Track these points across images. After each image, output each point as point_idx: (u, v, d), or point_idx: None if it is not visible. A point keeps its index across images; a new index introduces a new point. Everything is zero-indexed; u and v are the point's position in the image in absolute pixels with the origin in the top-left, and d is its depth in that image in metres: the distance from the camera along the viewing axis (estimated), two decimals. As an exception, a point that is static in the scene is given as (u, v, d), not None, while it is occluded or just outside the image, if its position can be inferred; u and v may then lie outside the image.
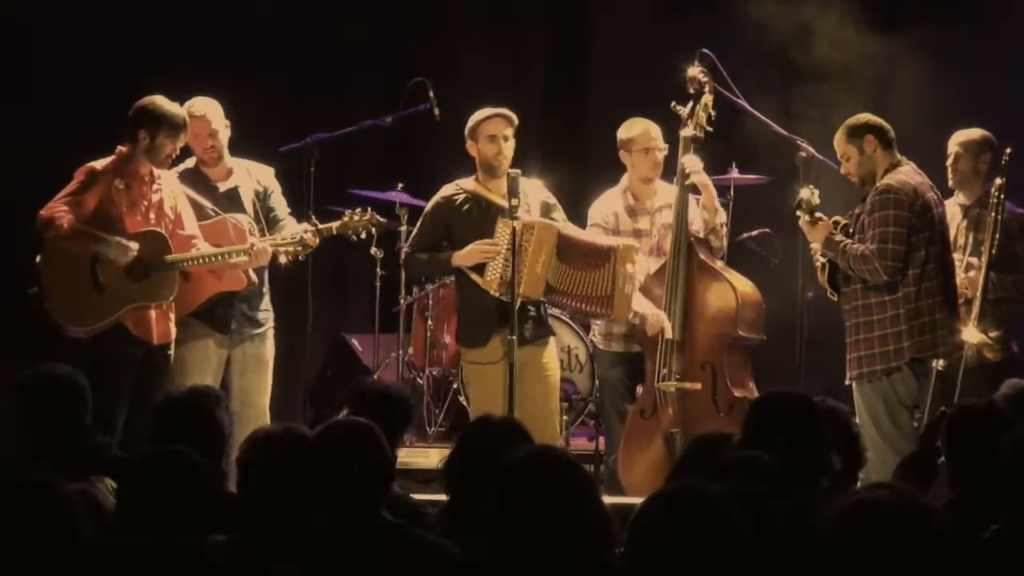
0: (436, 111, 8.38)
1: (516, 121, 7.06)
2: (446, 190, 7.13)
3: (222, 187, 7.25)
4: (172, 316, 7.05)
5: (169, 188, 7.06)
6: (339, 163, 7.94)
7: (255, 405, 7.23)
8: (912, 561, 3.06)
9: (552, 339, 7.22)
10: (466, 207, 7.05)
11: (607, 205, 7.48)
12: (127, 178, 6.96)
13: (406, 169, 9.27)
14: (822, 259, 6.88)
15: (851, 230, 6.81)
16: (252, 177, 7.30)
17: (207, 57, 9.28)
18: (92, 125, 8.01)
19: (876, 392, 6.66)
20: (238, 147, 7.44)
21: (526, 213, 6.94)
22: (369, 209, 7.15)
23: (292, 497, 3.95)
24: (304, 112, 9.53)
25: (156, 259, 6.91)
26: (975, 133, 7.25)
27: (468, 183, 7.10)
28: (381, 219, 7.14)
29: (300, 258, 7.09)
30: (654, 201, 7.52)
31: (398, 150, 9.40)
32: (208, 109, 7.17)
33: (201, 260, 7.00)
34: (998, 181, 6.95)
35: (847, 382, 6.83)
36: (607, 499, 3.83)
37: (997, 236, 6.86)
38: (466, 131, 7.08)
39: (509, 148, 7.02)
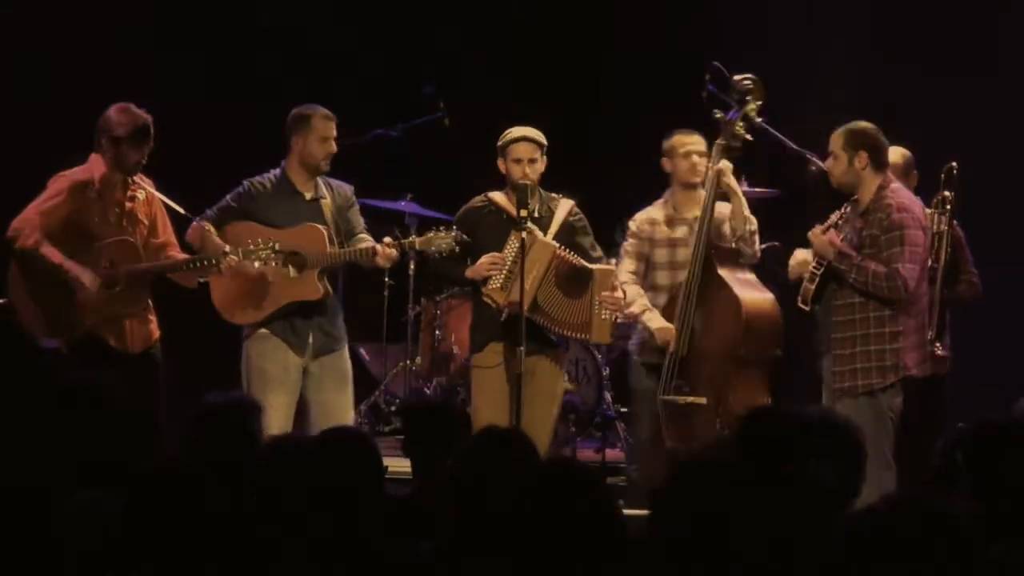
0: (447, 120, 8.38)
1: (544, 142, 7.08)
2: (474, 201, 7.16)
3: (307, 195, 7.24)
4: (152, 318, 7.08)
5: (144, 195, 7.06)
6: (348, 174, 7.92)
7: (340, 423, 7.15)
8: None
9: (559, 352, 7.18)
10: (489, 217, 7.09)
11: (647, 213, 7.45)
12: (99, 186, 6.96)
13: (415, 179, 9.27)
14: (818, 270, 6.83)
15: (841, 238, 6.77)
16: (333, 190, 7.32)
17: (212, 69, 9.27)
18: (68, 132, 7.96)
19: (868, 407, 6.63)
20: (248, 161, 7.42)
21: (536, 228, 6.95)
22: (454, 227, 7.08)
23: (295, 507, 3.92)
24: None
25: (127, 269, 6.93)
26: (903, 154, 7.27)
27: (496, 195, 7.13)
28: (467, 237, 7.02)
29: (280, 264, 7.01)
30: (695, 211, 7.41)
31: (407, 160, 9.39)
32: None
33: (173, 269, 7.00)
34: (947, 194, 7.10)
35: (837, 387, 6.77)
36: (630, 511, 3.83)
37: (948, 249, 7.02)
38: (498, 146, 7.10)
39: (535, 171, 7.04)
